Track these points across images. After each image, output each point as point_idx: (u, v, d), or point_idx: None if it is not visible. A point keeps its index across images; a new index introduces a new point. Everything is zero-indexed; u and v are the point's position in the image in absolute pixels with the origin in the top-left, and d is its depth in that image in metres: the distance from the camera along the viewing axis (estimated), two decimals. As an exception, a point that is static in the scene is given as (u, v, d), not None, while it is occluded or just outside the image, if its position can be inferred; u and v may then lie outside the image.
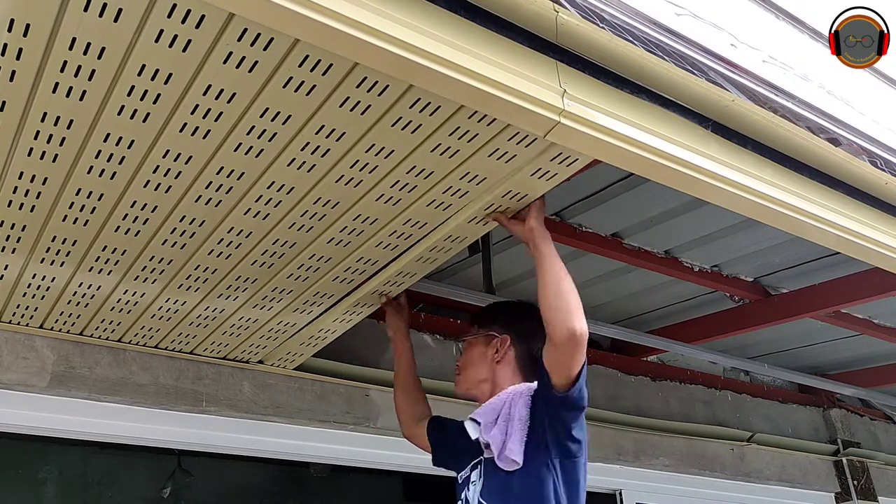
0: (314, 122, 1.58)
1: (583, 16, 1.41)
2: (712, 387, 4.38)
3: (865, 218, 1.96)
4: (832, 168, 1.85)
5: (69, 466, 4.17)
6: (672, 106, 1.60)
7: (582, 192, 2.82)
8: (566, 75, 1.45)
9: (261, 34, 1.35)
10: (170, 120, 1.56)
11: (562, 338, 1.77)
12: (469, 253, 2.83)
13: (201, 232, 1.96)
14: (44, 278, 2.15)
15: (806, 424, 4.75)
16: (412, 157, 1.71)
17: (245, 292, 2.28)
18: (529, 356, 2.04)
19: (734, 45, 1.75)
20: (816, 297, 3.35)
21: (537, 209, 1.91)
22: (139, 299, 2.29)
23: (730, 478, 4.17)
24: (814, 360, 4.51)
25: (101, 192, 1.78)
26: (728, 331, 3.67)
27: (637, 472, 3.84)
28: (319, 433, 2.96)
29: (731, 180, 1.68)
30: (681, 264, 3.28)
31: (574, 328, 1.76)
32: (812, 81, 1.92)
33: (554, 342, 1.79)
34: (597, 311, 3.69)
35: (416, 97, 1.52)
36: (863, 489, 4.65)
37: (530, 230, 1.91)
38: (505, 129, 1.62)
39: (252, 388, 2.84)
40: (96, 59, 1.39)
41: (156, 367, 2.68)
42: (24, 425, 2.50)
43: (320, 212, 1.90)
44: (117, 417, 2.60)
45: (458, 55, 1.32)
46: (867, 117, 2.00)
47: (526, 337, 2.06)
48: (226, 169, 1.72)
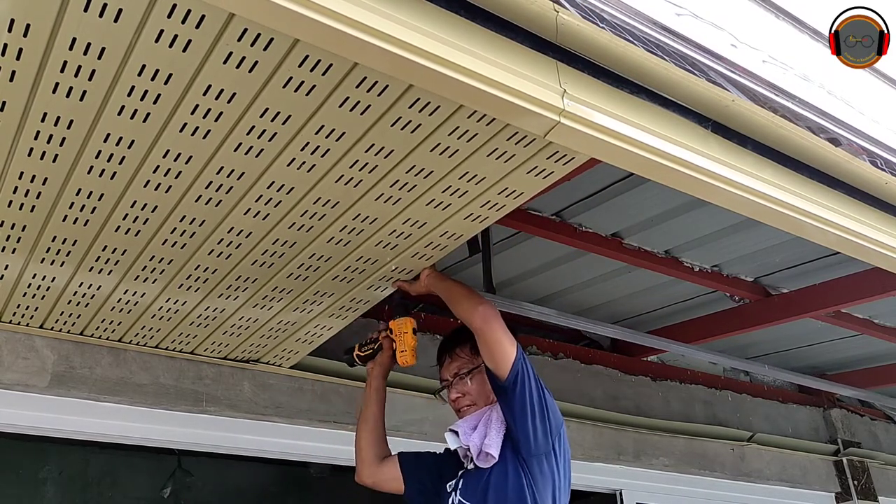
0: (314, 122, 1.58)
1: (583, 16, 1.41)
2: (712, 387, 4.39)
3: (865, 218, 1.96)
4: (832, 168, 1.85)
5: (69, 466, 4.17)
6: (672, 106, 1.60)
7: (582, 192, 2.82)
8: (566, 75, 1.45)
9: (261, 34, 1.35)
10: (170, 120, 1.56)
11: (475, 323, 1.98)
12: (469, 252, 2.84)
13: (201, 232, 1.96)
14: (44, 278, 2.15)
15: (806, 424, 4.75)
16: (411, 156, 1.71)
17: (245, 292, 2.28)
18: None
19: (734, 45, 1.75)
20: (816, 297, 3.35)
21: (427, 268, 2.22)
22: (139, 299, 2.29)
23: (730, 478, 4.17)
24: (814, 360, 4.51)
25: (101, 192, 1.78)
26: (728, 331, 3.68)
27: (637, 472, 3.84)
28: (319, 433, 2.96)
29: (731, 180, 1.67)
30: (681, 264, 3.28)
31: (476, 310, 1.98)
32: (812, 81, 1.91)
33: (475, 333, 2.01)
34: (597, 311, 3.69)
35: (415, 97, 1.53)
36: (863, 489, 4.65)
37: (426, 279, 2.22)
38: (504, 128, 1.63)
39: (252, 388, 2.84)
40: (96, 60, 1.39)
41: (156, 367, 2.68)
42: (24, 425, 2.51)
43: (320, 211, 1.90)
44: (117, 417, 2.60)
45: (458, 55, 1.31)
46: (867, 117, 2.00)
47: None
48: (226, 169, 1.72)
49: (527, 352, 3.59)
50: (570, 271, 3.35)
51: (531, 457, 1.96)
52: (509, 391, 1.95)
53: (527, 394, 1.94)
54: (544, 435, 1.96)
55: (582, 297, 3.59)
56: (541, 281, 3.43)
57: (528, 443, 1.95)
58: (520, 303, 3.13)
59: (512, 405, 1.96)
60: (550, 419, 1.97)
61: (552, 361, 3.74)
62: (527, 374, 1.95)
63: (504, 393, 1.97)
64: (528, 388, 1.94)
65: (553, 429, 1.98)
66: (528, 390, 1.94)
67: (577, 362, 3.83)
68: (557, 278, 3.41)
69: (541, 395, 1.97)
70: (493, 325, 1.96)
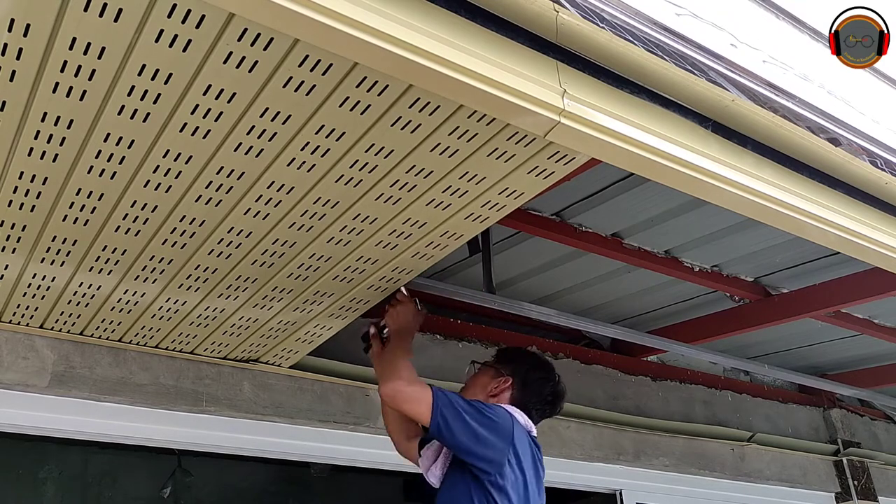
0: (314, 121, 1.58)
1: (583, 16, 1.41)
2: (712, 387, 4.39)
3: (865, 218, 1.95)
4: (832, 168, 1.85)
5: (69, 466, 4.17)
6: (672, 106, 1.59)
7: (582, 192, 2.82)
8: (566, 75, 1.45)
9: (261, 34, 1.35)
10: (170, 120, 1.56)
11: (381, 397, 2.16)
12: (469, 252, 2.84)
13: (201, 232, 1.96)
14: (44, 278, 2.15)
15: (806, 424, 4.75)
16: (412, 156, 1.71)
17: (245, 292, 2.28)
18: (523, 403, 2.25)
19: (734, 45, 1.75)
20: (816, 297, 3.35)
21: None
22: (139, 299, 2.29)
23: (730, 478, 4.17)
24: (814, 360, 4.51)
25: (101, 192, 1.78)
26: (728, 331, 3.68)
27: (637, 472, 3.84)
28: (319, 433, 2.96)
29: (731, 180, 1.67)
30: (681, 264, 3.28)
31: (384, 387, 2.11)
32: (812, 81, 1.91)
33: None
34: (597, 311, 3.69)
35: (415, 97, 1.53)
36: (863, 489, 4.65)
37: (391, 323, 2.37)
38: (504, 128, 1.63)
39: (252, 388, 2.84)
40: (96, 59, 1.39)
41: (156, 367, 2.68)
42: (24, 425, 2.51)
43: (320, 211, 1.90)
44: (117, 417, 2.60)
45: (458, 55, 1.31)
46: (867, 117, 2.00)
47: (527, 386, 2.29)
48: (226, 169, 1.72)
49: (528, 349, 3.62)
50: (570, 271, 3.35)
51: (486, 478, 2.01)
52: (438, 436, 2.05)
53: (456, 435, 1.99)
54: (490, 460, 2.01)
55: (582, 297, 3.59)
56: (541, 281, 3.43)
57: (476, 470, 2.01)
58: (520, 303, 3.13)
59: (449, 446, 2.06)
60: (492, 443, 2.01)
61: (552, 361, 3.73)
62: (448, 419, 1.99)
63: (438, 438, 2.06)
64: (456, 429, 1.99)
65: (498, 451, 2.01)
66: (456, 432, 1.99)
67: (577, 362, 3.83)
68: (557, 278, 3.41)
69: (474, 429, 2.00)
70: (396, 402, 2.10)
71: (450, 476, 2.11)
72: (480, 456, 2.00)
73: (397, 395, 2.07)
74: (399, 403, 2.09)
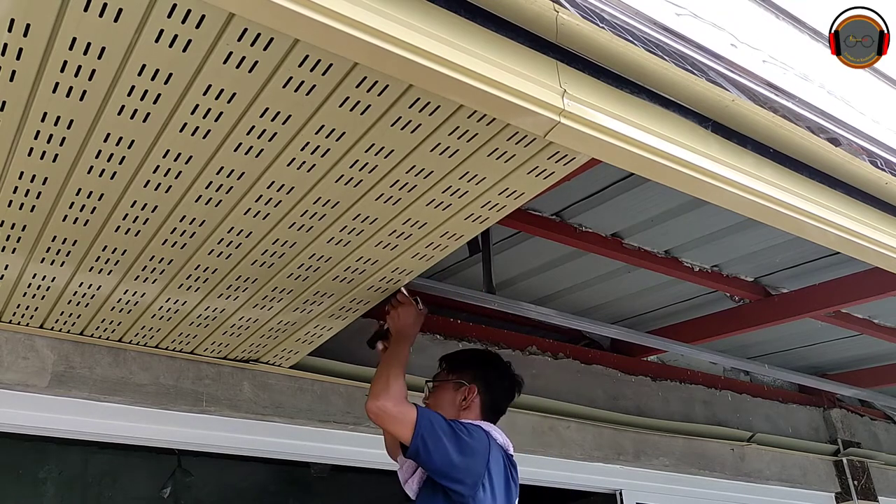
0: (314, 122, 1.58)
1: (583, 16, 1.41)
2: (712, 387, 4.38)
3: (865, 218, 1.95)
4: (832, 168, 1.85)
5: (69, 466, 4.17)
6: (672, 106, 1.59)
7: (582, 192, 2.82)
8: (566, 75, 1.45)
9: (261, 34, 1.35)
10: (170, 120, 1.56)
11: (367, 412, 2.09)
12: (469, 252, 2.84)
13: (201, 232, 1.96)
14: (44, 278, 2.15)
15: (806, 424, 4.75)
16: (412, 156, 1.71)
17: (245, 292, 2.28)
18: (493, 405, 2.27)
19: (734, 45, 1.75)
20: (816, 297, 3.35)
21: None
22: (139, 299, 2.29)
23: (730, 478, 4.17)
24: (814, 360, 4.51)
25: (101, 192, 1.78)
26: (728, 331, 3.68)
27: (637, 472, 3.84)
28: (319, 433, 2.97)
29: (731, 180, 1.67)
30: (681, 264, 3.28)
31: (372, 401, 2.07)
32: (812, 81, 1.91)
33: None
34: (597, 311, 3.69)
35: (415, 97, 1.53)
36: (863, 489, 4.64)
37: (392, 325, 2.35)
38: (504, 128, 1.63)
39: (252, 388, 2.84)
40: (96, 59, 1.39)
41: (156, 367, 2.68)
42: (24, 425, 2.51)
43: (320, 211, 1.90)
44: (117, 417, 2.60)
45: (458, 55, 1.31)
46: (867, 117, 2.00)
47: (491, 386, 2.28)
48: (226, 169, 1.72)
49: (526, 351, 3.63)
50: (570, 271, 3.35)
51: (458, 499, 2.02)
52: (416, 458, 2.04)
53: (434, 459, 1.99)
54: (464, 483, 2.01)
55: (582, 297, 3.59)
56: (541, 281, 3.43)
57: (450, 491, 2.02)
58: (520, 303, 3.13)
59: (425, 468, 2.06)
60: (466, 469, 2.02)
61: (552, 361, 3.74)
62: (428, 443, 1.99)
63: (415, 459, 2.05)
64: (434, 452, 1.99)
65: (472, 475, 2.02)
66: (433, 456, 1.99)
67: (577, 362, 3.83)
68: (557, 278, 3.41)
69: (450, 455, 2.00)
70: (380, 420, 2.08)
71: (424, 491, 2.11)
72: (454, 479, 2.01)
73: (381, 415, 2.06)
74: (383, 422, 2.09)
